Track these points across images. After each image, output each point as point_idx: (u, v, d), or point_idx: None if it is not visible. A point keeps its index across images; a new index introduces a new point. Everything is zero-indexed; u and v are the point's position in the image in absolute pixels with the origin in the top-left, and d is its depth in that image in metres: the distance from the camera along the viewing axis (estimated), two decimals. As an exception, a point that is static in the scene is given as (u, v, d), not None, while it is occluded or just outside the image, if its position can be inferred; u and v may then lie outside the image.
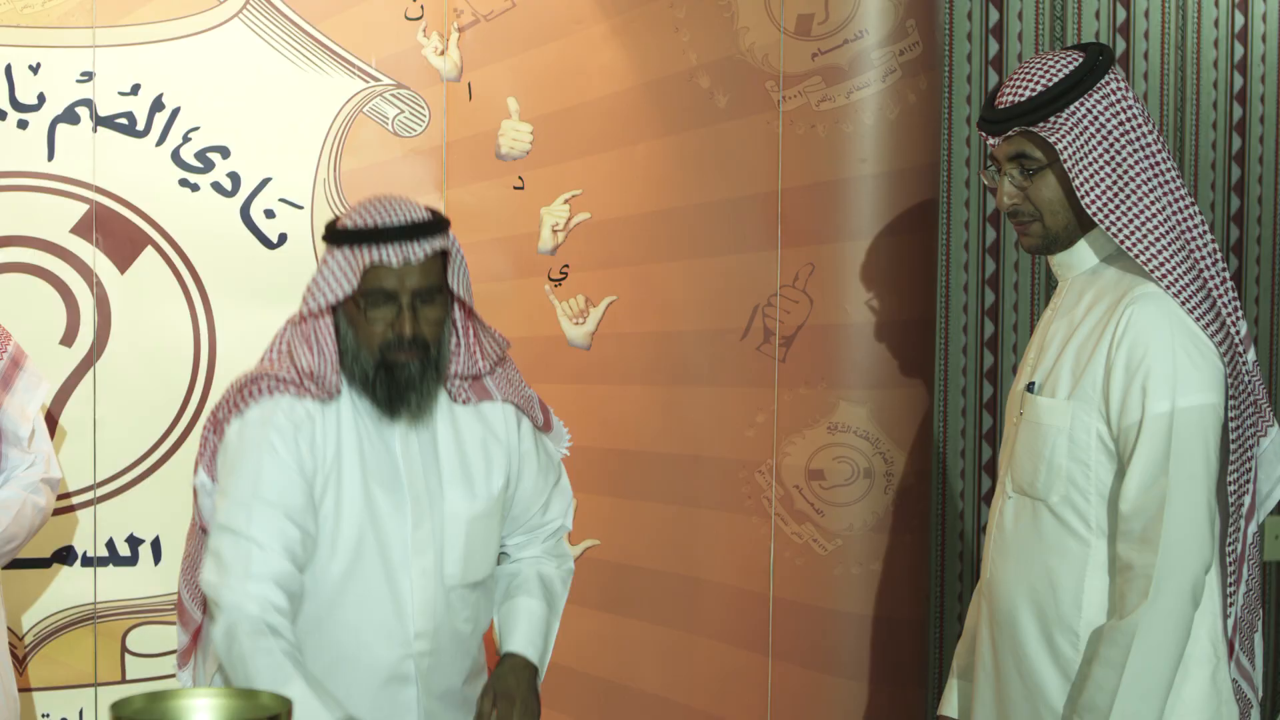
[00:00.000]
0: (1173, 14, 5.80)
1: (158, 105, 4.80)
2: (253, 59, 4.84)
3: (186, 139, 4.82)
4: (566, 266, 4.87)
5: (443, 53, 4.92)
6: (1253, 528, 3.22)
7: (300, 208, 4.86)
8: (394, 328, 3.41)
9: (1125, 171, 3.22)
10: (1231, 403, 3.15)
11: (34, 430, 4.24)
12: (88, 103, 4.76)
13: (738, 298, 4.69)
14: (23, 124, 4.74)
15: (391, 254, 3.37)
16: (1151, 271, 3.18)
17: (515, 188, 4.89)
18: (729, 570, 4.72)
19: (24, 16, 4.70)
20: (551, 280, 4.87)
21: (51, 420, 4.72)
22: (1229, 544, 3.18)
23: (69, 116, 4.76)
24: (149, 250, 4.80)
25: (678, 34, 4.73)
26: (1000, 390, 5.67)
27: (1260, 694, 3.28)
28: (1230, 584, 3.17)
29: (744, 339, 4.66)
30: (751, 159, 4.67)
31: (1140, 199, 3.20)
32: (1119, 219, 3.21)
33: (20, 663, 4.73)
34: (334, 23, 4.88)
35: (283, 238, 4.85)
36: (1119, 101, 3.24)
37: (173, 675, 4.78)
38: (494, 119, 4.91)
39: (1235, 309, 3.23)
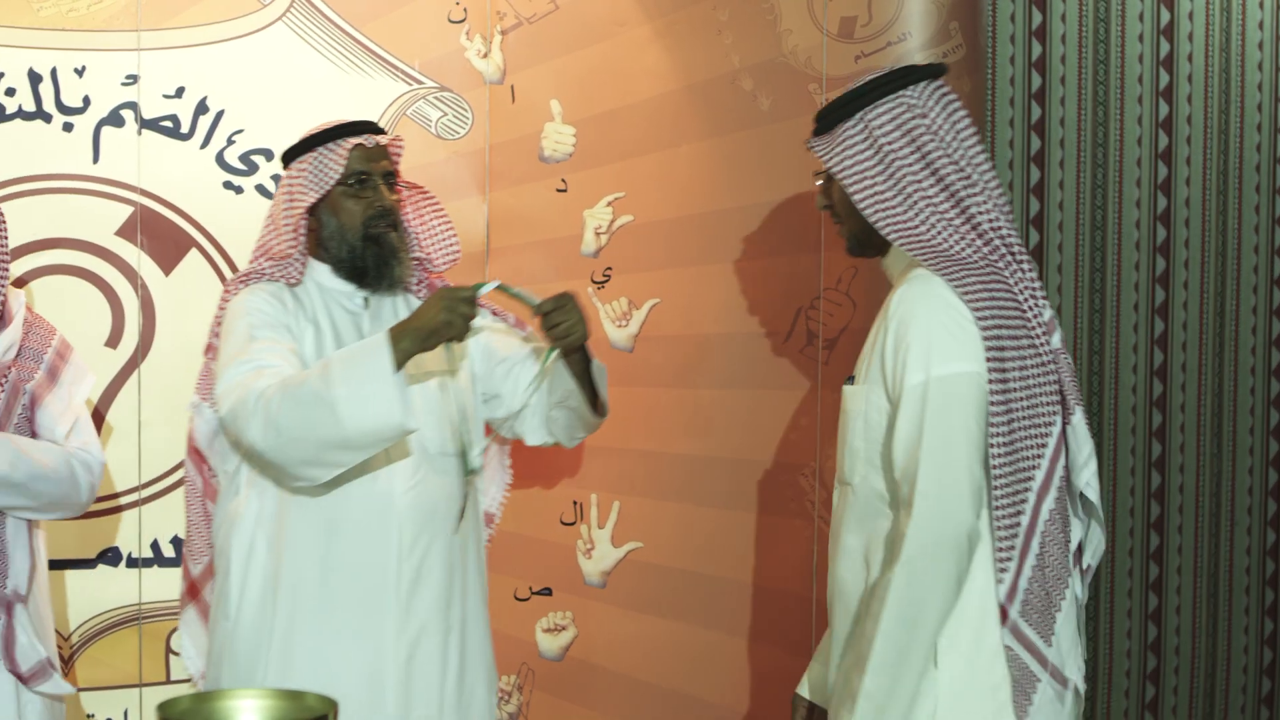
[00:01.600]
0: (1217, 16, 5.78)
1: (202, 108, 4.82)
2: (296, 62, 4.86)
3: (230, 141, 4.84)
4: (609, 269, 4.87)
5: (486, 55, 4.93)
6: (1050, 504, 3.28)
7: (344, 210, 4.87)
8: (374, 204, 4.07)
9: (902, 176, 3.42)
10: (997, 374, 3.26)
11: (76, 422, 4.24)
12: (132, 105, 4.78)
13: (780, 300, 4.68)
14: (68, 127, 4.76)
15: (365, 139, 4.09)
16: (924, 262, 3.36)
17: (558, 190, 4.89)
18: (771, 573, 4.71)
19: (69, 20, 4.72)
20: (594, 283, 4.87)
21: (97, 420, 4.74)
22: (1006, 514, 3.26)
23: (114, 119, 4.78)
24: (193, 252, 4.82)
25: (720, 36, 4.72)
26: (1043, 393, 5.65)
27: (1062, 676, 3.30)
28: (1004, 552, 3.25)
29: (787, 342, 4.65)
30: (794, 161, 4.66)
31: (917, 202, 3.40)
32: (891, 219, 3.42)
33: (66, 663, 4.75)
34: (377, 26, 4.89)
35: (326, 240, 4.87)
36: (906, 113, 3.44)
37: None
38: (537, 121, 4.92)
39: (1036, 299, 3.37)
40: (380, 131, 4.16)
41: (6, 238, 4.14)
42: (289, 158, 4.16)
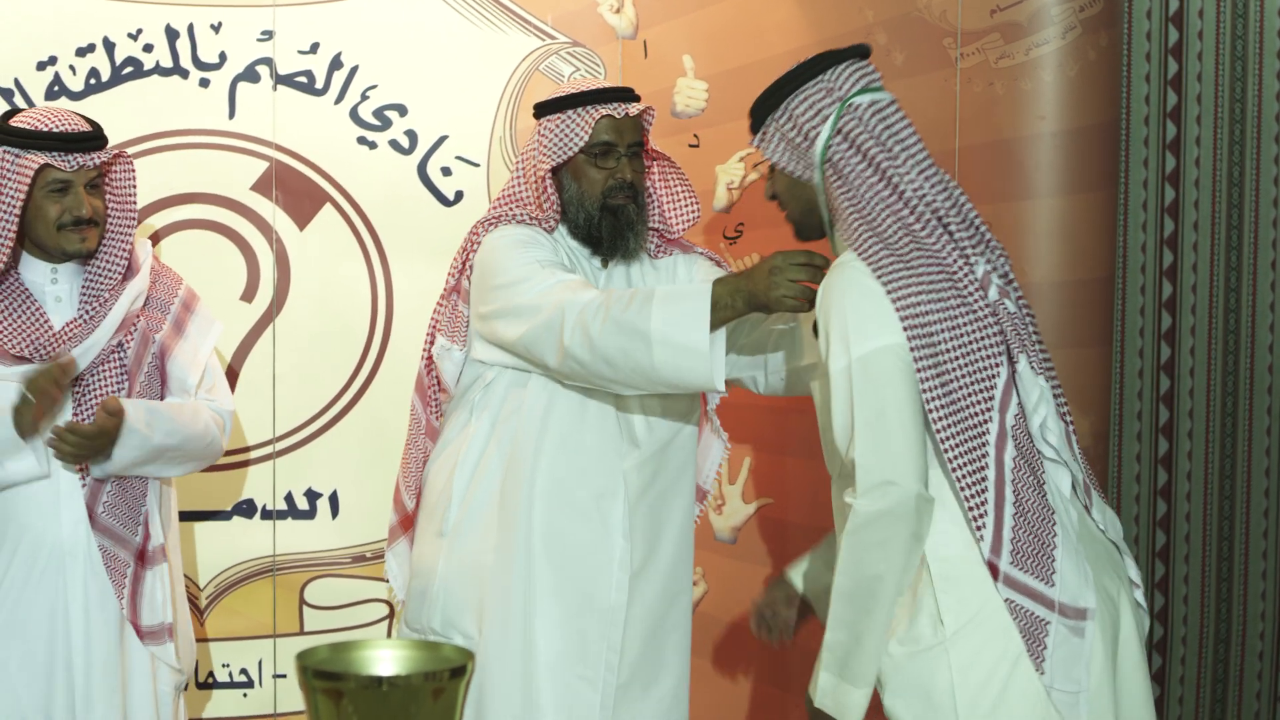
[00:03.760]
0: (1360, -32, 5.68)
1: (336, 64, 4.85)
2: (430, 17, 4.87)
3: (364, 97, 4.87)
4: (741, 224, 4.86)
5: (619, 10, 4.92)
6: (1011, 452, 3.34)
7: (476, 165, 4.89)
8: (615, 175, 4.05)
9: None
10: (922, 341, 3.32)
11: (205, 371, 4.29)
12: (268, 61, 4.82)
13: (913, 257, 4.66)
14: (204, 83, 4.80)
15: (614, 108, 4.05)
16: (845, 239, 3.46)
17: (691, 145, 4.89)
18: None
19: (206, -24, 4.77)
20: (726, 238, 4.87)
21: (232, 375, 4.79)
22: (967, 473, 3.32)
23: (249, 75, 4.82)
24: (327, 207, 4.85)
25: (854, -9, 4.70)
26: (1178, 352, 5.60)
27: (1076, 609, 3.33)
28: (976, 510, 3.31)
29: (919, 298, 4.64)
30: (929, 117, 4.62)
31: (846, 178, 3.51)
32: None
33: (200, 613, 4.81)
34: (510, -19, 4.91)
35: (459, 195, 4.89)
36: (825, 97, 3.56)
37: (349, 628, 4.86)
38: (669, 76, 4.92)
39: (968, 258, 3.43)
40: (634, 98, 4.13)
41: (135, 187, 4.18)
42: (542, 111, 4.14)
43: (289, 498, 4.87)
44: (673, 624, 4.17)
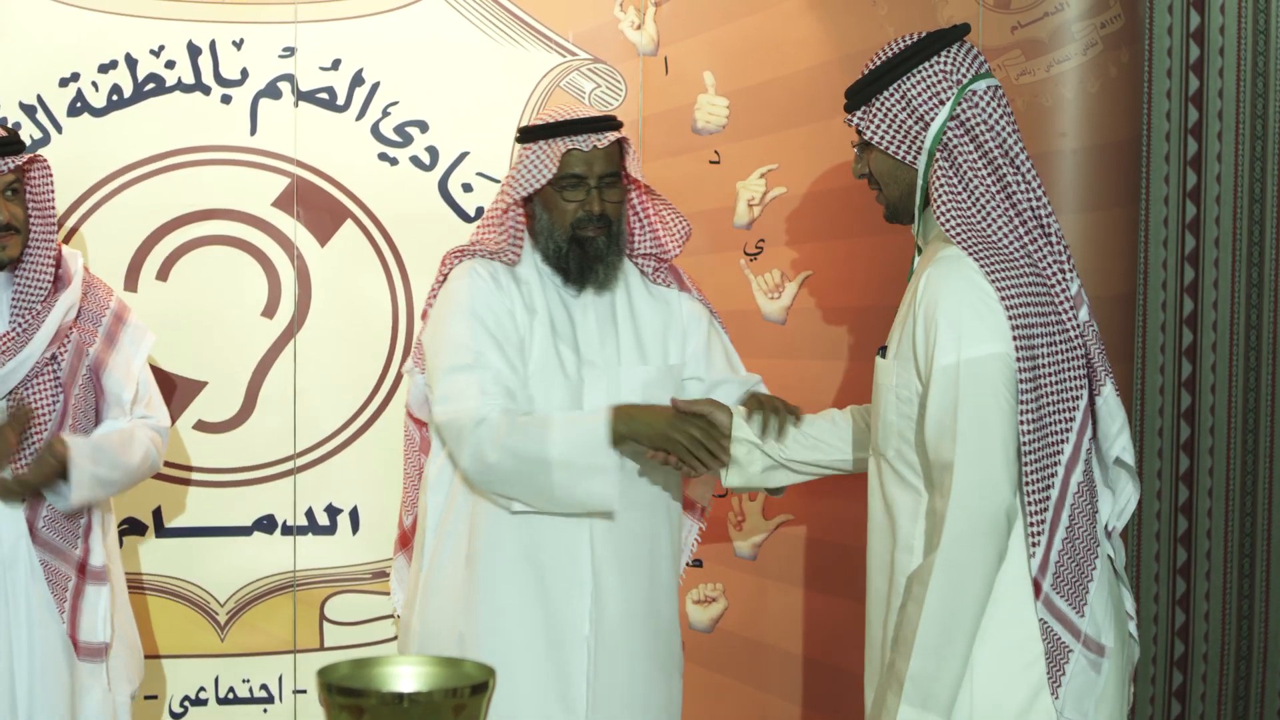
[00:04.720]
0: (1382, -16, 5.67)
1: (358, 80, 4.85)
2: (451, 34, 4.88)
3: (386, 113, 4.87)
4: (762, 241, 4.86)
5: (639, 27, 4.93)
6: (1078, 476, 3.36)
7: (497, 182, 4.89)
8: (584, 206, 4.05)
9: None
10: (1025, 353, 3.31)
11: (139, 385, 4.31)
12: (289, 78, 4.82)
13: (934, 273, 4.66)
14: (226, 99, 4.81)
15: (582, 141, 4.03)
16: (948, 234, 3.41)
17: (711, 162, 4.89)
18: (923, 547, 4.69)
19: (228, -7, 4.78)
20: (747, 255, 4.87)
21: (253, 391, 4.80)
22: (1036, 489, 3.32)
23: (271, 91, 4.83)
24: (348, 223, 4.85)
25: (875, 7, 4.70)
26: (1199, 369, 5.58)
27: (1097, 644, 3.36)
28: (1035, 526, 3.32)
29: (940, 315, 4.63)
30: (949, 133, 4.63)
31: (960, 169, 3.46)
32: (933, 187, 3.48)
33: (221, 628, 4.81)
34: (531, -2, 4.91)
35: (480, 211, 4.89)
36: (943, 80, 3.48)
37: (370, 644, 4.86)
38: (690, 93, 4.92)
39: (1065, 273, 3.42)
40: (611, 127, 4.11)
41: (53, 191, 4.18)
42: (520, 137, 4.15)
43: (309, 513, 4.87)
44: (658, 649, 4.16)
